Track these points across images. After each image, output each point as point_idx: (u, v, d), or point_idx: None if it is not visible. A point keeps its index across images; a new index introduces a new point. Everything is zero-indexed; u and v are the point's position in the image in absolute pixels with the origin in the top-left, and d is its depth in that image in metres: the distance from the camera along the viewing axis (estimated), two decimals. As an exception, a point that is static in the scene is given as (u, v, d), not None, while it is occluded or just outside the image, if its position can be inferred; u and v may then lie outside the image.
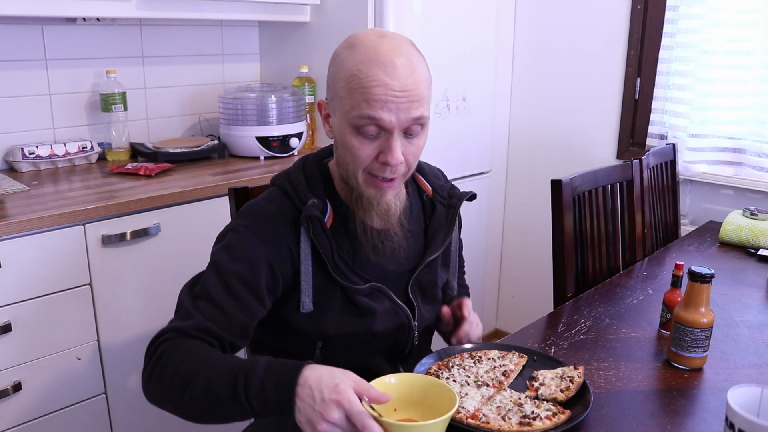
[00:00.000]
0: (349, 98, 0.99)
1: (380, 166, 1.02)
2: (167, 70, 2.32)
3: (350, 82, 0.98)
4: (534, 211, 2.80)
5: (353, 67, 0.98)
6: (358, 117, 0.98)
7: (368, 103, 0.97)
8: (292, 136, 2.23)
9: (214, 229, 1.88)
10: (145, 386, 0.97)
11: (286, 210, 1.07)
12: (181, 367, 0.92)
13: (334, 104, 1.04)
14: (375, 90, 0.96)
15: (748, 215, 1.94)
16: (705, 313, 1.15)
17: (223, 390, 0.89)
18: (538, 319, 1.41)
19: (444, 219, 1.18)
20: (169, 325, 0.99)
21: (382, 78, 0.96)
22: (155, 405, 0.99)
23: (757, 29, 2.11)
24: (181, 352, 0.94)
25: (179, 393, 0.92)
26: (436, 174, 1.26)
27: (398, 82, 0.97)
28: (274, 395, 0.86)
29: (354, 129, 1.00)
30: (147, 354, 0.98)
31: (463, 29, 2.36)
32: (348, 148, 1.02)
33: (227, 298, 1.00)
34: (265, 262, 1.03)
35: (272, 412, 0.87)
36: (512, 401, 1.01)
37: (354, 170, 1.04)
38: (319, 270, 1.06)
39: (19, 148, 1.93)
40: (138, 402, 1.80)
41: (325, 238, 1.05)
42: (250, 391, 0.87)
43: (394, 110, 0.97)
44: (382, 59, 0.97)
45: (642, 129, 2.46)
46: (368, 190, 1.05)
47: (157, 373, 0.94)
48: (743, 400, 0.87)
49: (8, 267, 1.51)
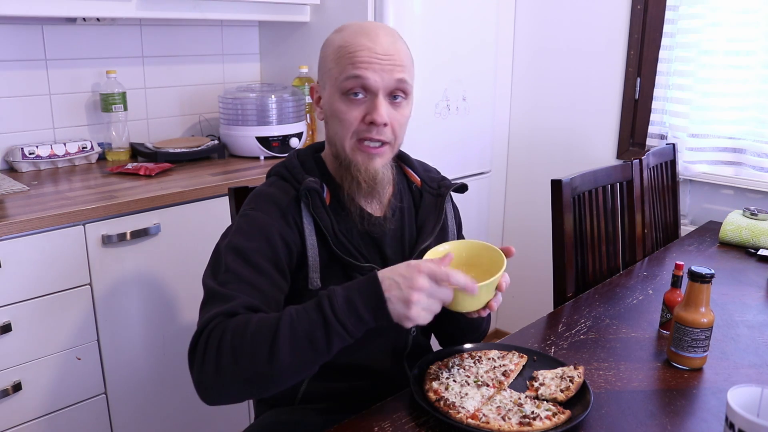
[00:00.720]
0: (338, 67, 1.06)
1: (367, 127, 1.07)
2: (167, 70, 2.32)
3: (338, 52, 1.07)
4: (534, 211, 2.80)
5: (341, 41, 1.08)
6: (345, 79, 1.05)
7: (354, 65, 1.05)
8: (292, 136, 2.23)
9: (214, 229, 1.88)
10: (212, 380, 0.91)
11: (286, 189, 1.10)
12: (258, 333, 0.90)
13: (324, 81, 1.11)
14: (360, 53, 1.05)
15: (748, 215, 1.94)
16: (705, 313, 1.15)
17: (312, 326, 0.89)
18: (538, 319, 1.41)
19: (433, 207, 1.21)
20: (210, 314, 0.95)
21: (366, 43, 1.05)
22: (226, 395, 0.93)
23: (757, 29, 2.11)
24: (244, 324, 0.91)
25: (266, 356, 0.89)
26: (427, 168, 1.29)
27: (381, 47, 1.06)
28: (363, 303, 0.90)
29: (342, 95, 1.07)
30: (198, 350, 0.93)
31: (463, 29, 2.36)
32: (336, 115, 1.08)
33: (257, 276, 1.00)
34: (279, 236, 1.05)
35: (367, 321, 0.90)
36: (512, 401, 1.01)
37: (342, 137, 1.09)
38: (322, 247, 1.09)
39: (19, 148, 1.93)
40: (138, 402, 1.80)
41: (325, 213, 1.08)
42: (340, 314, 0.89)
43: (378, 71, 1.05)
44: (366, 30, 1.08)
45: (642, 129, 2.46)
46: (356, 157, 1.09)
47: (228, 354, 0.90)
48: (743, 400, 0.87)
49: (8, 267, 1.51)
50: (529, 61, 2.77)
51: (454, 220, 1.28)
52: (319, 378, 1.15)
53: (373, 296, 0.90)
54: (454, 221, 1.28)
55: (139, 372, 1.79)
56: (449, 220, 1.24)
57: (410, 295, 0.88)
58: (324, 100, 1.12)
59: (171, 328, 1.84)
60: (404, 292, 0.89)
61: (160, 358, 1.83)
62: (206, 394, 0.94)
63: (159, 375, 1.83)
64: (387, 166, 1.14)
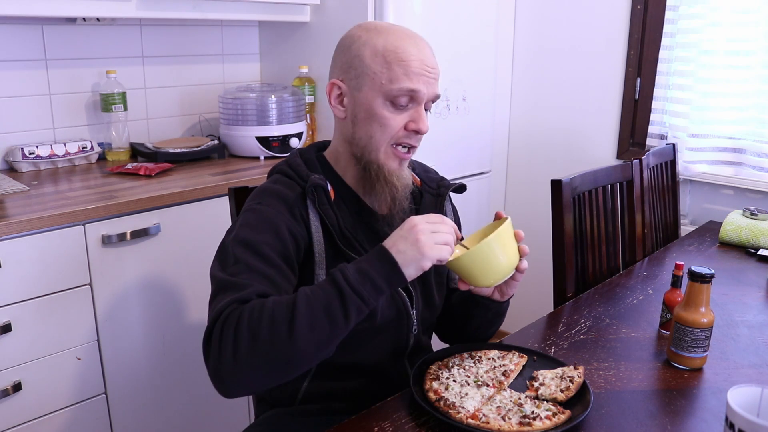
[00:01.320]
0: (387, 72, 1.06)
1: (408, 134, 1.09)
2: (167, 70, 2.32)
3: (386, 56, 1.06)
4: (534, 211, 2.80)
5: (388, 44, 1.07)
6: (399, 89, 1.05)
7: (408, 76, 1.05)
8: (292, 136, 2.23)
9: (214, 229, 1.88)
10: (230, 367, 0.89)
11: (292, 186, 1.11)
12: (275, 313, 0.89)
13: (359, 81, 1.09)
14: (413, 63, 1.06)
15: (748, 215, 1.94)
16: (705, 313, 1.15)
17: (328, 300, 0.91)
18: (538, 319, 1.41)
19: (432, 207, 1.21)
20: (224, 302, 0.93)
21: (416, 53, 1.07)
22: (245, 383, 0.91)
23: (757, 29, 2.11)
24: (260, 306, 0.91)
25: (285, 335, 0.88)
26: (426, 168, 1.30)
27: (429, 59, 1.08)
28: (375, 269, 0.93)
29: (388, 101, 1.07)
30: (214, 338, 0.91)
31: (463, 29, 2.36)
32: (377, 119, 1.08)
33: (267, 267, 1.00)
34: (287, 229, 1.05)
35: (381, 287, 0.93)
36: (512, 401, 1.01)
37: (379, 141, 1.09)
38: (327, 242, 1.09)
39: (19, 148, 1.93)
40: (138, 402, 1.80)
41: (330, 209, 1.09)
42: (354, 283, 0.91)
43: (426, 83, 1.07)
44: (412, 39, 1.09)
45: (642, 129, 2.46)
46: (389, 162, 1.10)
47: (246, 338, 0.89)
48: (743, 400, 0.86)
49: (8, 267, 1.51)
50: (529, 61, 2.77)
51: (454, 220, 1.28)
52: (319, 377, 1.16)
53: (383, 259, 0.93)
54: (454, 221, 1.28)
55: (139, 372, 1.79)
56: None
57: (416, 235, 0.93)
58: (357, 100, 1.09)
59: (171, 328, 1.84)
60: (408, 238, 0.93)
61: (160, 358, 1.83)
62: (224, 385, 0.91)
63: (159, 375, 1.83)
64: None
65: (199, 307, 1.88)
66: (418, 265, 0.93)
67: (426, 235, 0.94)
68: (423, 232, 0.94)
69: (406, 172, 1.14)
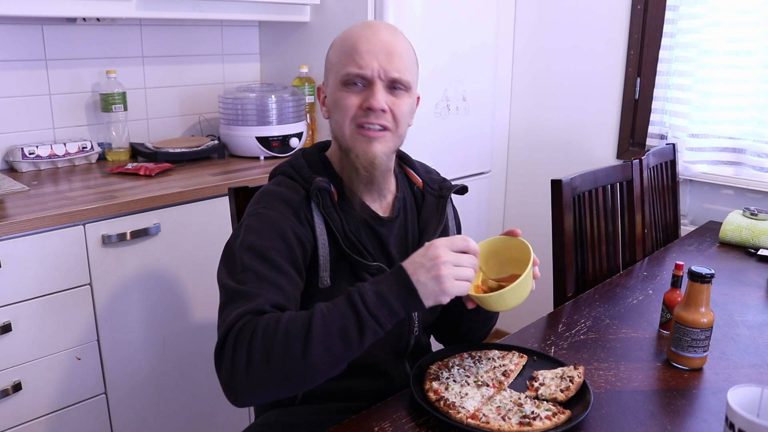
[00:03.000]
0: (339, 61, 1.10)
1: (365, 112, 1.08)
2: (167, 70, 2.32)
3: (340, 46, 1.11)
4: (534, 211, 2.80)
5: (344, 36, 1.12)
6: (344, 68, 1.08)
7: (354, 58, 1.08)
8: (292, 136, 2.23)
9: (214, 229, 1.88)
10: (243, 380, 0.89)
11: (296, 189, 1.11)
12: (290, 331, 0.89)
13: (327, 77, 1.15)
14: (359, 44, 1.08)
15: (748, 215, 1.94)
16: (705, 313, 1.15)
17: (345, 322, 0.90)
18: (538, 319, 1.41)
19: (434, 209, 1.21)
20: (236, 313, 0.93)
21: (365, 34, 1.09)
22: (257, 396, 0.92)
23: (757, 29, 2.11)
24: (275, 322, 0.91)
25: (299, 354, 0.88)
26: (428, 169, 1.29)
27: (379, 38, 1.09)
28: (394, 295, 0.92)
29: (342, 85, 1.09)
30: (227, 350, 0.91)
31: (463, 29, 2.36)
32: (337, 103, 1.10)
33: (276, 274, 0.99)
34: (293, 233, 1.05)
35: (398, 312, 0.92)
36: (512, 401, 1.01)
37: (342, 124, 1.10)
38: (332, 245, 1.09)
39: (19, 148, 1.93)
40: (138, 402, 1.80)
41: (334, 212, 1.09)
42: (372, 307, 0.91)
43: (374, 59, 1.07)
44: (368, 24, 1.13)
45: (642, 129, 2.46)
46: (355, 143, 1.10)
47: (260, 353, 0.89)
48: (743, 400, 0.86)
49: (8, 267, 1.51)
50: (529, 61, 2.77)
51: (455, 222, 1.28)
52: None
53: (403, 286, 0.92)
54: (455, 223, 1.28)
55: (139, 372, 1.79)
56: (450, 221, 1.25)
57: (438, 269, 0.91)
58: (328, 95, 1.14)
59: (171, 328, 1.84)
60: (430, 270, 0.91)
61: (160, 358, 1.83)
62: (236, 396, 0.92)
63: (159, 375, 1.83)
64: (388, 156, 1.13)
65: (200, 307, 1.88)
66: (436, 299, 0.93)
67: (448, 269, 0.91)
68: (446, 265, 0.92)
69: (382, 154, 1.10)
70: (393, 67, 1.08)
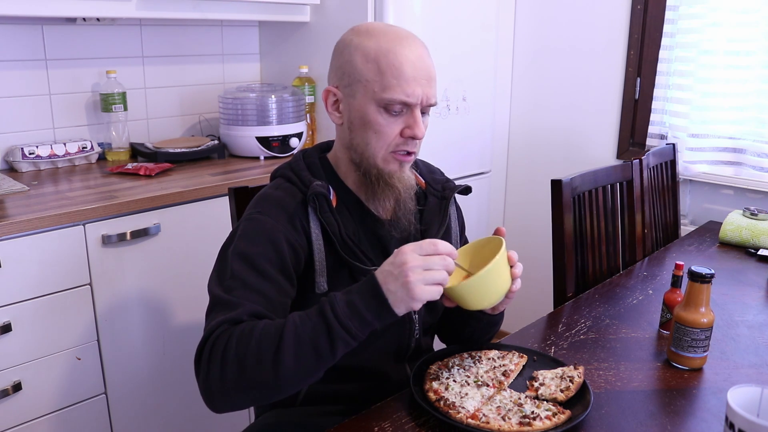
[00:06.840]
0: (380, 79, 1.04)
1: (405, 140, 1.07)
2: (167, 70, 2.32)
3: (378, 62, 1.04)
4: (534, 211, 2.80)
5: (381, 49, 1.04)
6: (390, 99, 1.04)
7: (400, 84, 1.03)
8: (292, 136, 2.23)
9: (214, 229, 1.88)
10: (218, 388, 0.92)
11: (293, 193, 1.10)
12: (262, 341, 0.90)
13: (353, 88, 1.07)
14: (407, 69, 1.03)
15: (748, 215, 1.94)
16: (705, 313, 1.15)
17: (315, 333, 0.90)
18: (538, 319, 1.41)
19: (437, 210, 1.20)
20: (216, 322, 0.95)
21: (408, 56, 1.04)
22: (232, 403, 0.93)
23: (757, 29, 2.11)
24: (249, 331, 0.92)
25: (270, 363, 0.89)
26: (431, 169, 1.28)
27: (423, 61, 1.05)
28: (364, 304, 0.91)
29: (381, 108, 1.05)
30: (203, 358, 0.93)
31: (463, 29, 2.36)
32: (372, 126, 1.06)
33: (263, 282, 1.00)
34: (285, 241, 1.04)
35: (370, 322, 0.91)
36: (512, 401, 1.01)
37: (376, 149, 1.07)
38: (329, 250, 1.08)
39: (19, 148, 1.93)
40: (138, 402, 1.80)
41: (332, 217, 1.08)
42: (342, 318, 0.90)
43: (419, 86, 1.04)
44: (405, 41, 1.06)
45: (642, 129, 2.46)
46: (389, 167, 1.09)
47: (233, 362, 0.91)
48: (743, 400, 0.87)
49: (8, 267, 1.51)
50: (529, 61, 2.77)
51: (458, 222, 1.27)
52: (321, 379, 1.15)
53: (373, 295, 0.91)
54: (458, 223, 1.27)
55: (139, 372, 1.79)
56: (453, 222, 1.24)
57: (405, 276, 0.89)
58: (352, 107, 1.08)
59: (171, 328, 1.84)
60: (399, 277, 0.89)
61: (160, 358, 1.83)
62: (212, 402, 0.94)
63: (159, 375, 1.83)
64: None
65: (200, 308, 1.87)
66: (408, 306, 0.91)
67: (416, 275, 0.89)
68: (413, 271, 0.89)
69: (408, 173, 1.13)
70: (432, 93, 1.07)
